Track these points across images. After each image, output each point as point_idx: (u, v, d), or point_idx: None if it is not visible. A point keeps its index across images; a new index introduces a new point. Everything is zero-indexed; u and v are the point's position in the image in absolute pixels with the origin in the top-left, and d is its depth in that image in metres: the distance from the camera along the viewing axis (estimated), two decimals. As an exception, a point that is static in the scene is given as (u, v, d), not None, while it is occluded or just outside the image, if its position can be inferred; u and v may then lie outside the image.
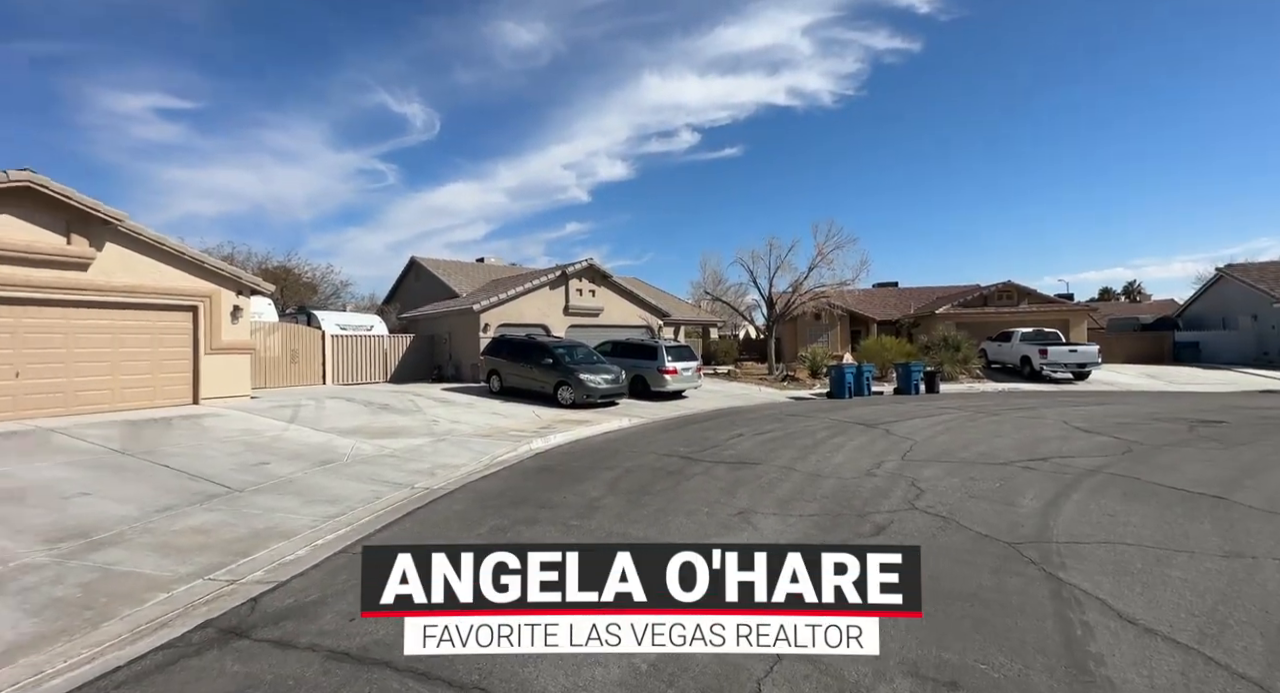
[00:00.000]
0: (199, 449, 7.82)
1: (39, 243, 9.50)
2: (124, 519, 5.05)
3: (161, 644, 3.07)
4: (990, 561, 3.99)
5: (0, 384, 9.19)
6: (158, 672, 2.79)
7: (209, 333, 11.71)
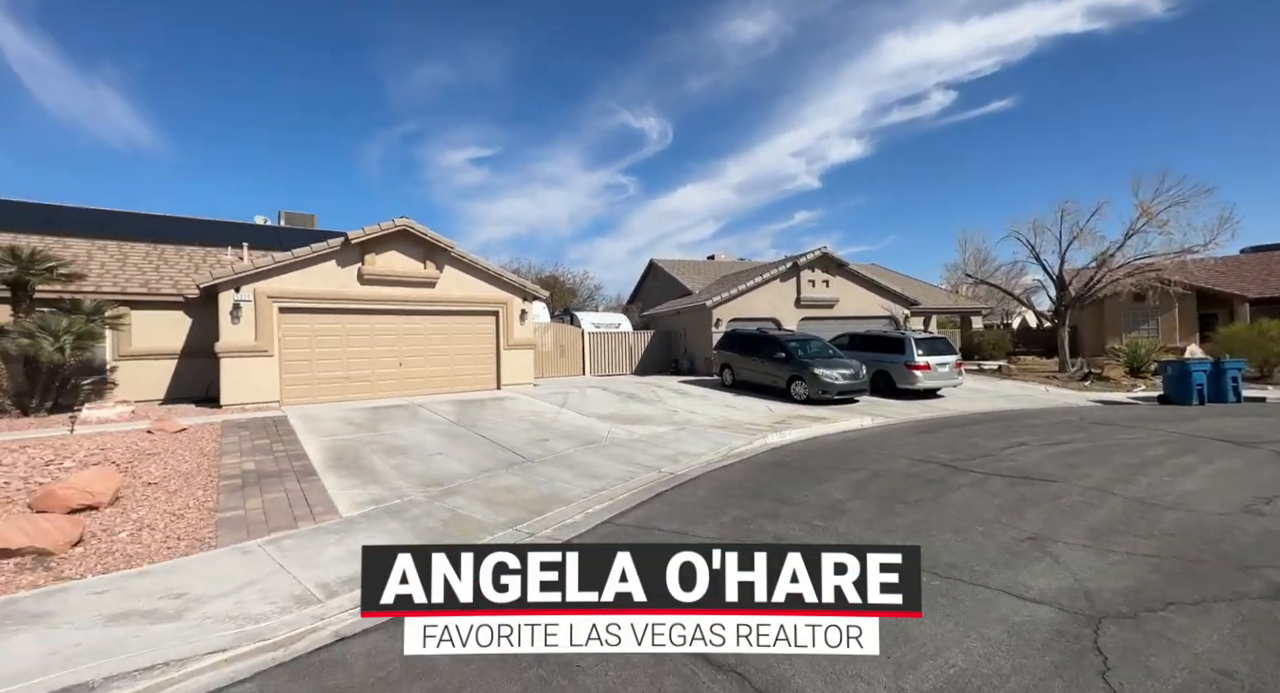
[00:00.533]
0: (502, 425, 9.92)
1: (409, 269, 13.26)
2: (461, 476, 6.72)
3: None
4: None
5: (391, 371, 13.16)
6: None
7: (506, 332, 14.74)
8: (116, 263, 13.63)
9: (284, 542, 4.55)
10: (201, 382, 12.53)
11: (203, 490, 5.80)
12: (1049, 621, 3.09)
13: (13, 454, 6.59)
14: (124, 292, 12.29)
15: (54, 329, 9.63)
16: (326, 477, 6.46)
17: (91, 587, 3.67)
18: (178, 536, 4.62)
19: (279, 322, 11.70)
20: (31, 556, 4.02)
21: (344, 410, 10.88)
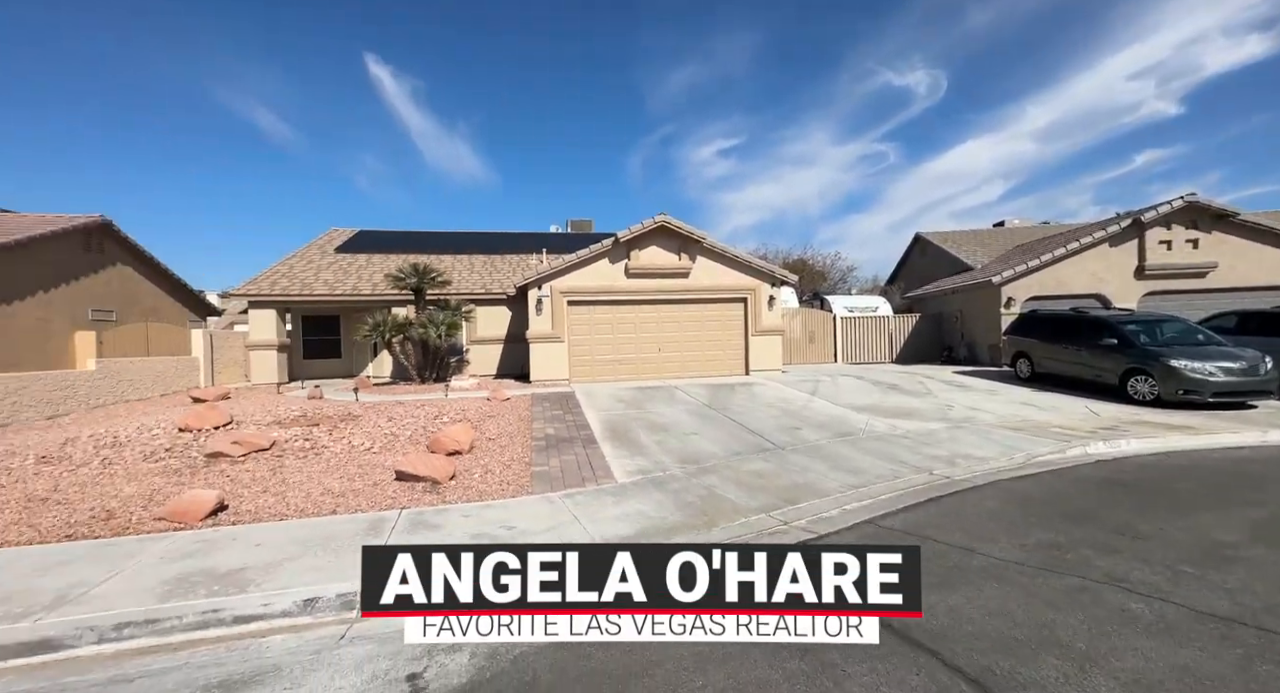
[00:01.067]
0: (751, 410, 10.04)
1: (666, 262, 14.41)
2: (714, 456, 7.04)
3: (746, 555, 4.10)
4: None
5: (651, 355, 14.58)
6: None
7: (753, 318, 14.83)
8: (466, 270, 18.29)
9: (576, 496, 5.48)
10: (518, 361, 15.98)
11: (521, 447, 7.39)
12: None
13: (417, 410, 9.50)
14: (471, 293, 16.45)
15: (436, 321, 13.48)
16: (604, 446, 7.54)
17: (461, 511, 5.04)
18: (507, 481, 6.00)
19: (568, 313, 14.06)
20: (429, 482, 5.74)
21: (615, 389, 12.52)
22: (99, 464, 6.65)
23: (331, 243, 20.12)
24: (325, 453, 7.12)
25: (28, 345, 12.63)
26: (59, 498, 5.46)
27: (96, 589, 3.54)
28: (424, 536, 4.41)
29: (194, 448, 7.25)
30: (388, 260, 17.92)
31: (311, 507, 5.18)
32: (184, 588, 3.55)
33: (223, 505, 5.07)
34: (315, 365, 17.99)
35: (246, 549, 4.17)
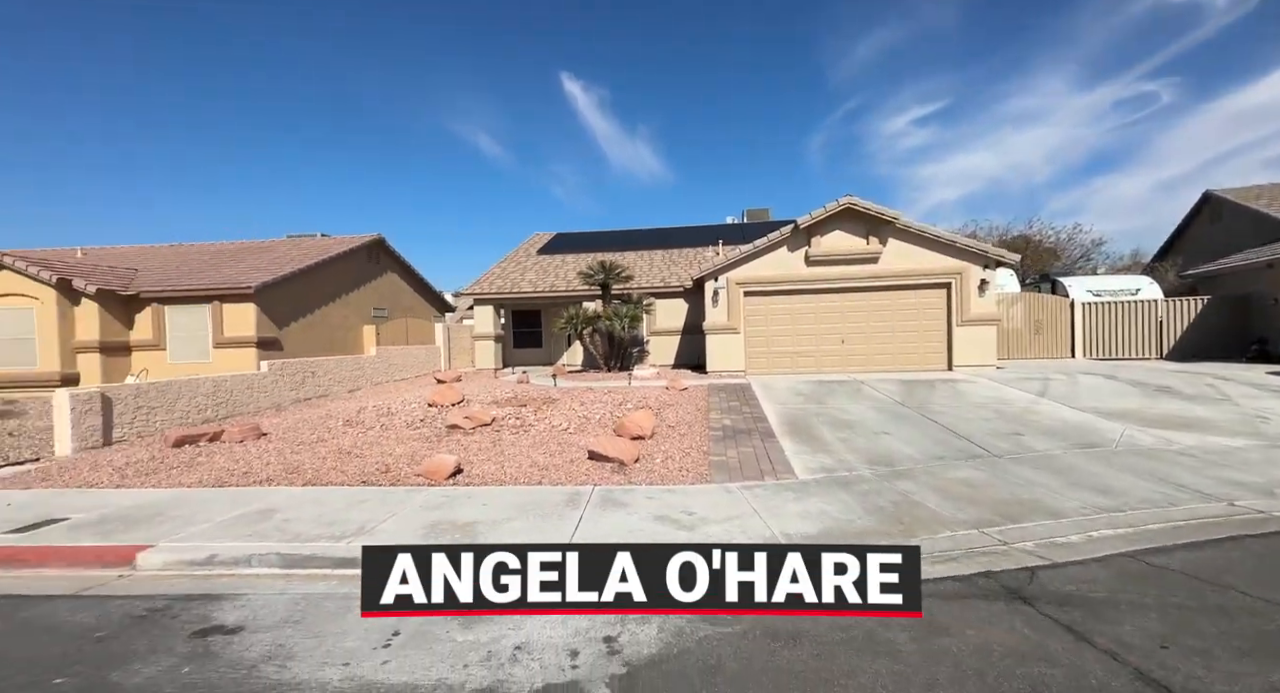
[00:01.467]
0: (956, 410, 8.78)
1: (852, 247, 13.33)
2: (909, 458, 6.34)
3: (950, 575, 3.62)
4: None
5: (834, 347, 13.66)
6: (949, 599, 3.30)
7: (959, 306, 12.92)
8: (647, 265, 19.24)
9: (755, 490, 5.43)
10: (694, 352, 16.35)
11: (699, 437, 7.57)
12: None
13: (604, 396, 10.35)
14: (651, 286, 17.26)
15: (620, 314, 14.49)
16: (783, 440, 7.32)
17: (645, 493, 5.36)
18: (686, 468, 6.20)
19: (744, 304, 13.90)
20: (616, 463, 6.22)
21: (793, 382, 12.04)
22: (379, 429, 8.59)
23: (535, 246, 22.87)
24: (531, 431, 8.17)
25: (337, 337, 16.84)
26: (356, 452, 7.20)
27: (381, 525, 4.60)
28: (614, 512, 4.80)
29: (438, 420, 8.93)
30: (580, 259, 19.74)
31: (523, 476, 6.00)
32: (436, 532, 4.41)
33: (459, 469, 6.16)
34: (522, 354, 20.72)
35: (477, 507, 5.01)
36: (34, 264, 13.47)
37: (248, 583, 3.83)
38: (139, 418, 8.78)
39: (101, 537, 4.44)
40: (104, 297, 13.81)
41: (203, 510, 5.05)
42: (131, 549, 4.17)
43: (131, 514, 5.00)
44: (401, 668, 2.73)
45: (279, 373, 12.29)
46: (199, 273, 15.43)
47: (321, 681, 2.65)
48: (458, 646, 2.93)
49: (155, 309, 14.49)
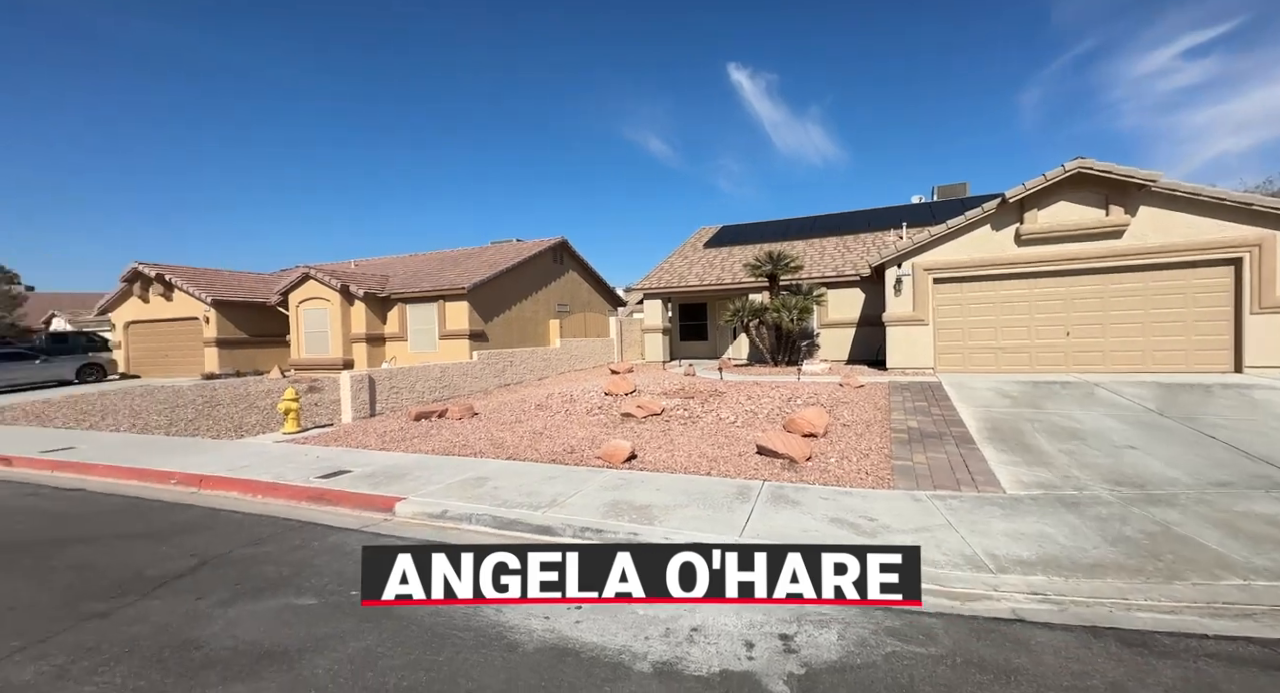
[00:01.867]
0: (1247, 423, 6.71)
1: (1083, 220, 10.96)
2: (1173, 481, 5.03)
3: (1243, 635, 2.80)
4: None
5: (1055, 342, 11.41)
6: (1239, 664, 2.55)
7: (1256, 288, 9.82)
8: (818, 254, 18.19)
9: (949, 500, 4.81)
10: (871, 346, 15.03)
11: (879, 438, 6.95)
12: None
13: (771, 390, 10.09)
14: (823, 276, 16.29)
15: (788, 306, 13.96)
16: (985, 447, 6.36)
17: (819, 493, 5.12)
18: (864, 470, 5.75)
19: (933, 292, 12.35)
20: (786, 459, 6.03)
21: (996, 381, 10.36)
22: (564, 414, 9.54)
23: (701, 240, 23.14)
24: (699, 422, 8.33)
25: (529, 330, 19.07)
26: (546, 433, 8.10)
27: (570, 500, 5.12)
28: (785, 510, 4.67)
29: (613, 408, 9.59)
30: (746, 251, 19.45)
31: (692, 465, 6.15)
32: (615, 511, 4.76)
33: (634, 454, 6.55)
34: (688, 346, 21.17)
35: (650, 491, 5.28)
36: (327, 275, 17.68)
37: (468, 536, 4.57)
38: (391, 395, 11.01)
39: (373, 487, 5.68)
40: (369, 299, 17.57)
41: (436, 473, 6.15)
42: (392, 499, 5.27)
43: (390, 471, 6.31)
44: (591, 630, 3.02)
45: (486, 361, 14.37)
46: (429, 277, 18.73)
47: (529, 627, 3.06)
48: (639, 618, 3.14)
49: (400, 308, 17.99)
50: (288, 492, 5.72)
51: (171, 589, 3.63)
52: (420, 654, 2.80)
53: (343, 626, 3.12)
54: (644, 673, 2.61)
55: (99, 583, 3.76)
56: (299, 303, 18.18)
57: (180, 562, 4.08)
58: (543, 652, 2.82)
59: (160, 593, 3.58)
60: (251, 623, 3.17)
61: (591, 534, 4.39)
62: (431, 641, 2.93)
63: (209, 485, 6.13)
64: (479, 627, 3.08)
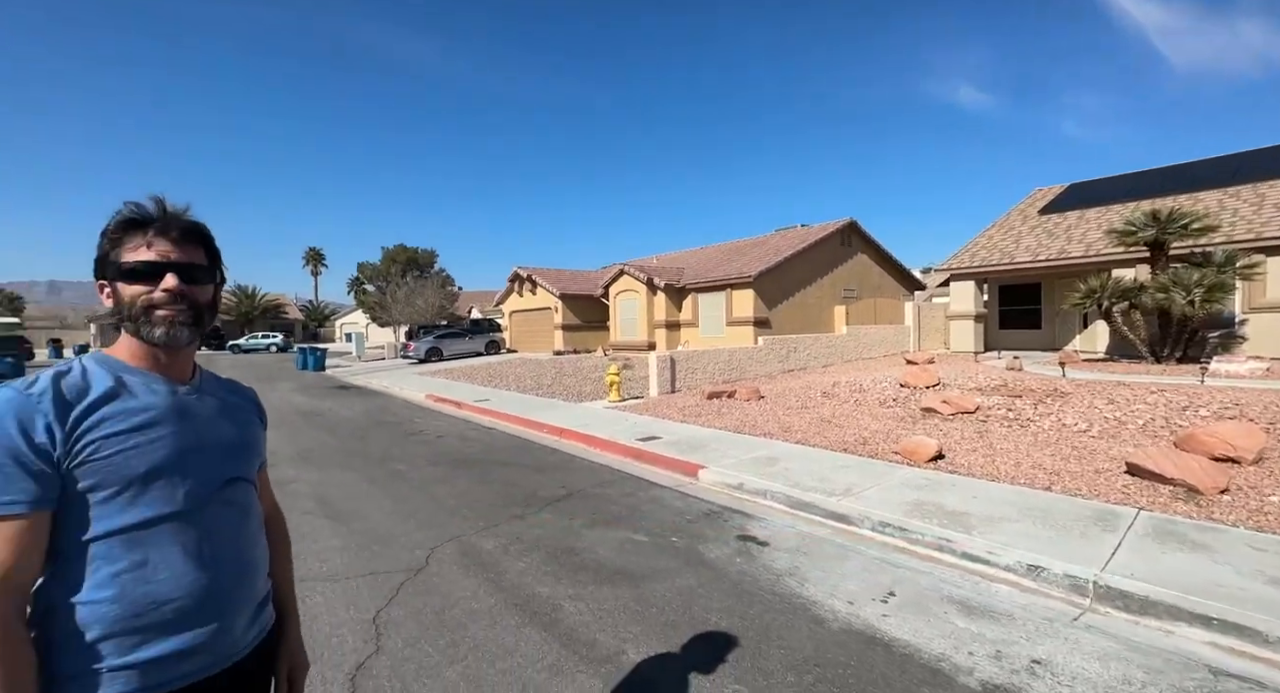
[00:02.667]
0: None
1: None
2: None
3: None
4: None
5: None
6: None
7: None
8: (1251, 208, 12.62)
9: None
10: (1360, 340, 9.72)
11: (1377, 479, 4.54)
12: None
13: (1153, 395, 7.57)
14: (1259, 237, 11.25)
15: (1185, 283, 10.15)
16: None
17: (1244, 539, 3.68)
18: (1343, 523, 3.86)
19: None
20: (1181, 487, 4.50)
21: None
22: (852, 403, 9.10)
23: (1034, 206, 18.66)
24: (1031, 427, 6.87)
25: (812, 316, 18.69)
26: (835, 422, 7.90)
27: (865, 492, 4.93)
28: (1178, 551, 3.53)
29: (911, 402, 8.69)
30: (1107, 213, 14.87)
31: (1021, 476, 5.16)
32: (921, 512, 4.39)
33: (940, 454, 5.86)
34: (1011, 336, 17.47)
35: (965, 498, 4.66)
36: (636, 269, 20.76)
37: (764, 511, 4.87)
38: (686, 375, 12.33)
39: (680, 453, 6.55)
40: (668, 289, 19.93)
41: (730, 449, 6.70)
42: (695, 466, 5.99)
43: (691, 441, 7.15)
44: (901, 627, 2.92)
45: (770, 347, 14.71)
46: (717, 267, 20.10)
47: (832, 607, 3.14)
48: (957, 629, 2.88)
49: (693, 297, 19.84)
50: (618, 449, 7.07)
51: (555, 509, 4.95)
52: (733, 604, 3.18)
53: (670, 563, 3.75)
54: (971, 689, 2.41)
55: (515, 494, 5.39)
56: (616, 294, 21.83)
57: (557, 490, 5.51)
58: (849, 634, 2.86)
59: (549, 510, 4.93)
60: (606, 546, 4.09)
61: (893, 532, 4.17)
62: (742, 595, 3.29)
63: (566, 437, 8.02)
64: (783, 594, 3.30)
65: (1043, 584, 3.39)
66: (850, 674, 2.52)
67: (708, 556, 3.88)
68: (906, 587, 3.38)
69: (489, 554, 3.96)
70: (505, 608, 3.17)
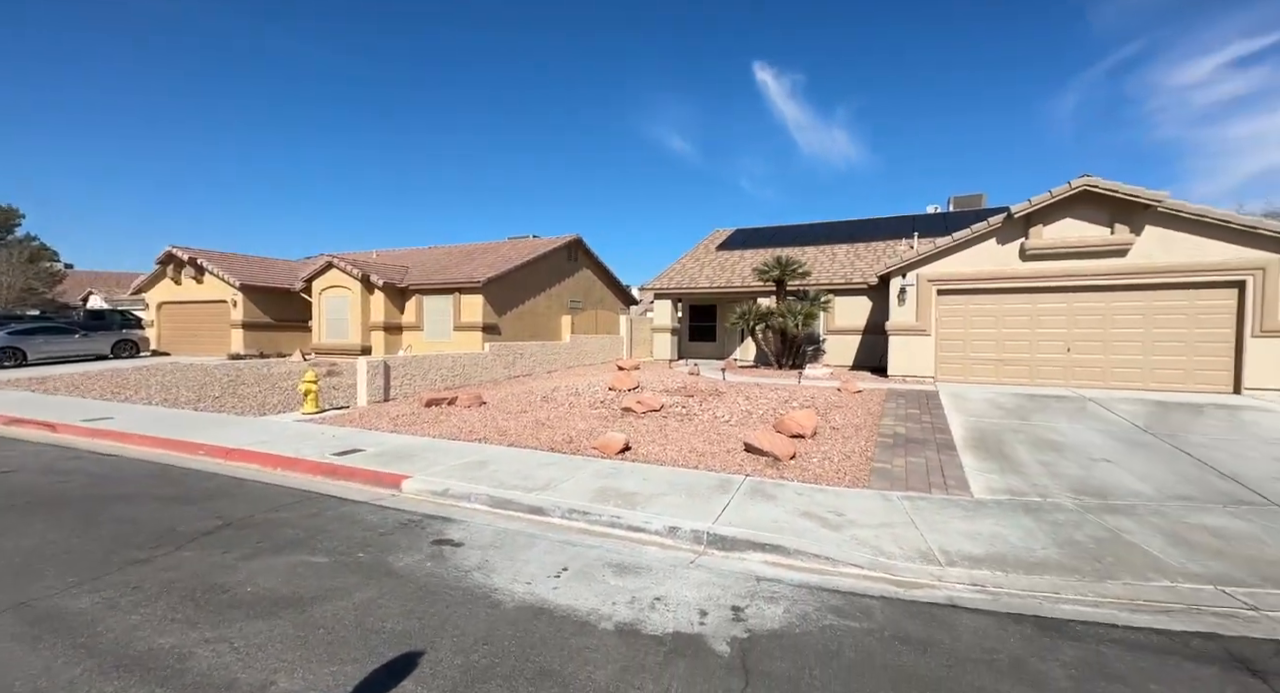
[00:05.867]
0: (1229, 445, 6.86)
1: (1087, 237, 11.06)
2: (1135, 494, 5.26)
3: (1153, 627, 3.08)
4: None
5: (1055, 356, 11.52)
6: (1138, 650, 2.83)
7: (1256, 311, 9.85)
8: (828, 261, 18.36)
9: (917, 501, 5.11)
10: (875, 354, 15.20)
11: (864, 442, 7.23)
12: None
13: (771, 392, 10.38)
14: (831, 283, 16.48)
15: (793, 311, 14.20)
16: (964, 455, 6.61)
17: (795, 489, 5.44)
18: (844, 471, 6.05)
19: (936, 303, 12.51)
20: (771, 457, 6.35)
21: (993, 393, 10.53)
22: (567, 406, 9.94)
23: (714, 242, 23.41)
24: (695, 420, 8.67)
25: (540, 324, 19.54)
26: (549, 424, 8.51)
27: (562, 485, 5.51)
28: (760, 503, 5.00)
29: (615, 403, 9.97)
30: (758, 255, 19.68)
31: (682, 459, 6.50)
32: (602, 497, 5.14)
33: (628, 446, 6.92)
34: (696, 347, 21.48)
35: (638, 481, 5.65)
36: (349, 264, 18.34)
37: (466, 514, 4.98)
38: (405, 382, 11.52)
39: (382, 465, 6.13)
40: (388, 288, 18.19)
41: (442, 456, 6.59)
42: (399, 477, 5.71)
43: (400, 451, 6.76)
44: (566, 595, 3.40)
45: (497, 353, 14.85)
46: (446, 269, 19.29)
47: (511, 590, 3.45)
48: (609, 587, 3.51)
49: (417, 298, 18.58)
50: (305, 466, 6.20)
51: (201, 544, 4.09)
52: (415, 606, 3.21)
53: (349, 580, 3.54)
54: (607, 631, 2.98)
55: (139, 536, 4.24)
56: (321, 290, 18.87)
57: (208, 522, 4.55)
58: (521, 610, 3.20)
59: (191, 547, 4.05)
60: (271, 575, 3.60)
61: (577, 516, 4.78)
62: (425, 596, 3.34)
63: (235, 458, 6.64)
64: (468, 587, 3.47)
65: (678, 541, 4.37)
66: (514, 644, 2.84)
67: (396, 565, 3.79)
68: (579, 561, 3.94)
69: (80, 615, 3.06)
70: (97, 676, 2.53)
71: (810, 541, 4.14)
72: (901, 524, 4.52)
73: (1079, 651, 2.79)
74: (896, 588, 3.57)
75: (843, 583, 3.64)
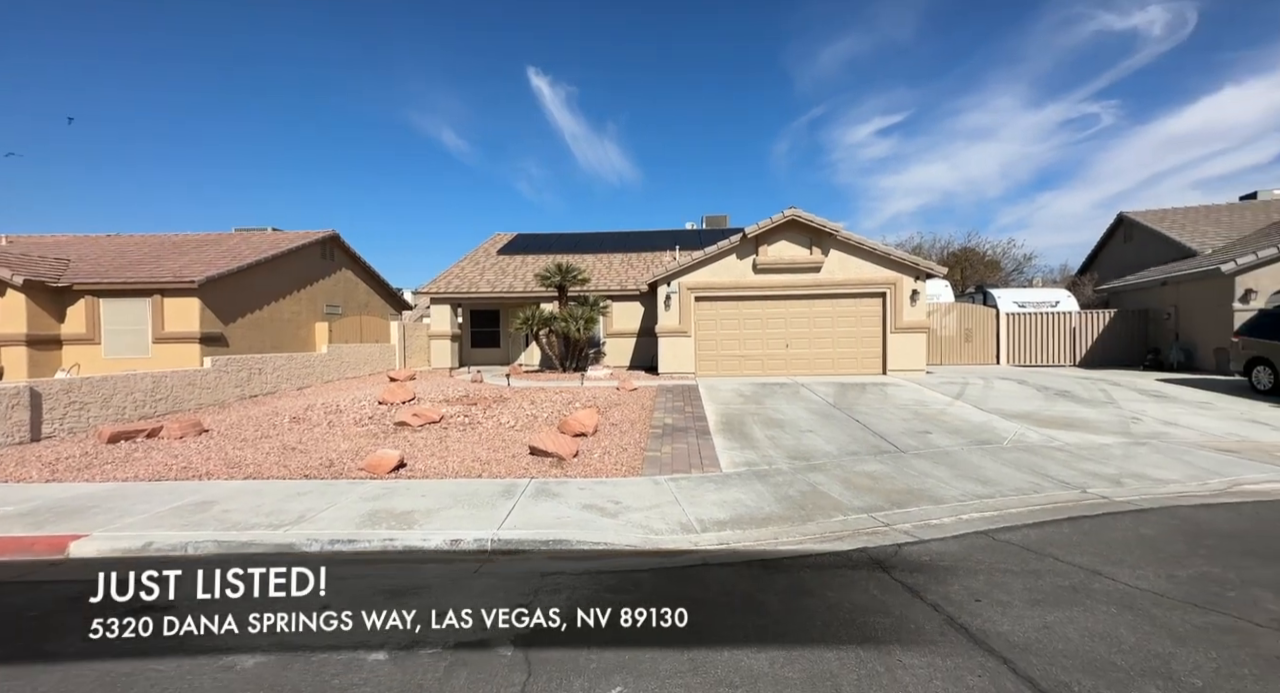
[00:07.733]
0: (879, 411, 9.51)
1: (797, 256, 14.07)
2: (826, 454, 6.94)
3: (832, 550, 4.14)
4: None
5: (778, 352, 14.37)
6: (822, 568, 3.80)
7: (893, 314, 13.81)
8: (605, 268, 19.62)
9: (680, 482, 5.88)
10: (648, 354, 16.81)
11: (639, 434, 7.99)
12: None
13: (555, 395, 10.66)
14: (608, 289, 17.65)
15: (575, 316, 14.81)
16: (716, 437, 7.82)
17: (578, 485, 5.74)
18: (621, 463, 6.61)
19: (695, 308, 14.46)
20: (556, 458, 6.57)
21: (738, 384, 12.63)
22: (326, 426, 8.67)
23: (495, 246, 22.92)
24: (479, 428, 8.43)
25: (287, 333, 16.54)
26: (301, 448, 7.31)
27: (321, 514, 4.82)
28: (545, 502, 5.16)
29: (387, 418, 9.07)
30: (539, 261, 19.94)
31: (464, 470, 6.28)
32: (372, 521, 4.67)
33: (402, 463, 6.39)
34: (480, 353, 20.74)
35: (414, 498, 5.28)
36: (-44, 252, 12.80)
37: (185, 568, 4.00)
38: (70, 413, 8.59)
39: (33, 527, 4.51)
40: (32, 288, 13.24)
41: (140, 503, 5.14)
42: (64, 539, 4.28)
43: (64, 505, 5.05)
44: (325, 637, 3.03)
45: (223, 369, 12.09)
46: (139, 265, 14.93)
47: (268, 644, 2.92)
48: (383, 616, 3.24)
49: (90, 302, 13.97)
50: (-122, 548, 4.20)
51: None
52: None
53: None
54: (379, 661, 2.76)
55: None
56: (-98, 288, 12.80)
57: None
58: (266, 666, 2.74)
59: None
60: None
61: (342, 545, 4.26)
62: (119, 687, 2.60)
63: None
64: (192, 650, 2.83)
65: (461, 554, 4.23)
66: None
67: (62, 652, 2.86)
68: (343, 596, 3.52)
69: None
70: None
71: (592, 531, 4.44)
72: (668, 503, 5.16)
73: (788, 579, 3.61)
74: (663, 559, 4.08)
75: (621, 563, 4.00)
